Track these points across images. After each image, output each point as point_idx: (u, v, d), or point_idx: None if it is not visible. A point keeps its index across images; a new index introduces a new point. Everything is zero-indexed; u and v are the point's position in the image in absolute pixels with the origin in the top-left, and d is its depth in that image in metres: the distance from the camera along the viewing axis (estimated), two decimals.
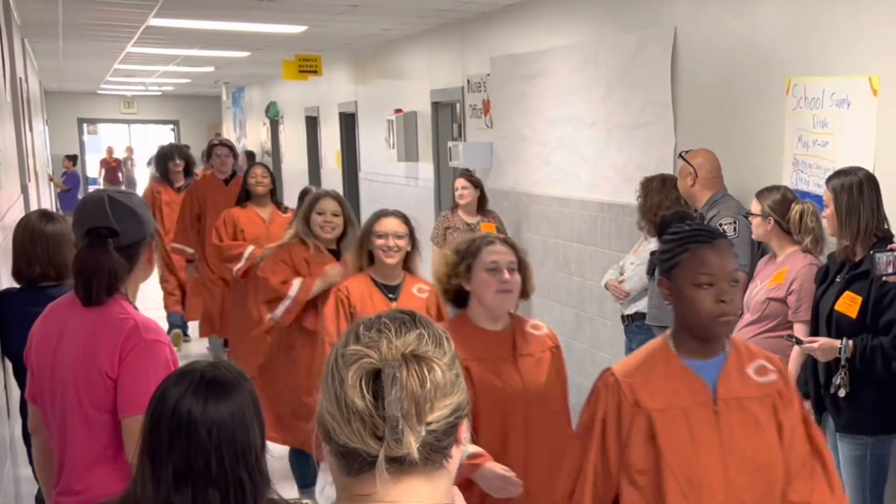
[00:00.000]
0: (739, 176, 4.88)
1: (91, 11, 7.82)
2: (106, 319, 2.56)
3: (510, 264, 3.09)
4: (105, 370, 2.51)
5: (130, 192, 2.80)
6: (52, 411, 2.64)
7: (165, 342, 2.58)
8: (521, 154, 7.25)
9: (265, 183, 6.54)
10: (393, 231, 3.97)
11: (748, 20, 4.88)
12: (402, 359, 1.25)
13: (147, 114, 22.16)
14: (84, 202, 2.64)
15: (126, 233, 2.58)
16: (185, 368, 1.95)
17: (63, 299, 2.70)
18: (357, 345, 1.28)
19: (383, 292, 3.98)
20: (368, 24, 8.54)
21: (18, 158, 6.79)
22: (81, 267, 2.57)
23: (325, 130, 12.92)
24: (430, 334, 1.31)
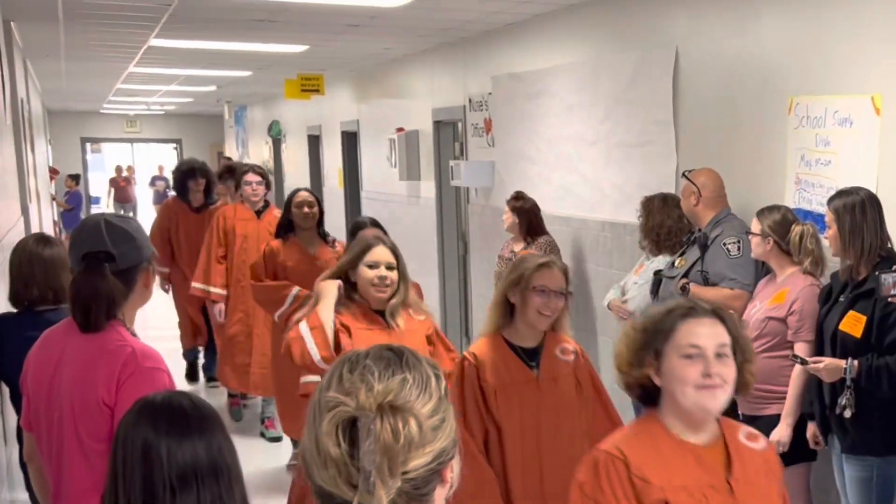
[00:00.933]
0: (741, 195, 4.86)
1: (92, 33, 7.84)
2: (103, 346, 2.52)
3: (719, 348, 2.21)
4: (102, 398, 2.48)
5: (128, 216, 2.77)
6: (47, 439, 2.61)
7: (164, 370, 2.54)
8: (523, 172, 7.24)
9: (314, 214, 5.74)
10: None
11: (749, 39, 4.87)
12: (377, 410, 1.23)
13: (150, 132, 22.21)
14: (81, 226, 2.62)
15: (123, 257, 2.55)
16: (144, 399, 1.90)
17: (60, 325, 2.67)
18: (338, 389, 1.26)
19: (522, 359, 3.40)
20: (370, 43, 8.55)
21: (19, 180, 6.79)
22: (78, 292, 2.54)
23: (328, 149, 12.93)
24: (416, 378, 1.28)
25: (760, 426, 4.05)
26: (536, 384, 3.36)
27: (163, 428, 1.81)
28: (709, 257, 4.60)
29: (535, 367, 3.38)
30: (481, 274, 8.13)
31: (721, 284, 4.54)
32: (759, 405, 4.13)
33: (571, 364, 3.43)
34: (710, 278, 4.57)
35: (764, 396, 4.10)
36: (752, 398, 4.12)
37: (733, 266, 4.52)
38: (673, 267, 4.80)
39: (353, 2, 6.28)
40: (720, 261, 4.56)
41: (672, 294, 4.63)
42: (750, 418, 4.17)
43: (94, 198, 21.84)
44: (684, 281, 4.62)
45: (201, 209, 7.63)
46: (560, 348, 3.44)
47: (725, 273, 4.53)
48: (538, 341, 3.42)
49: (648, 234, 5.13)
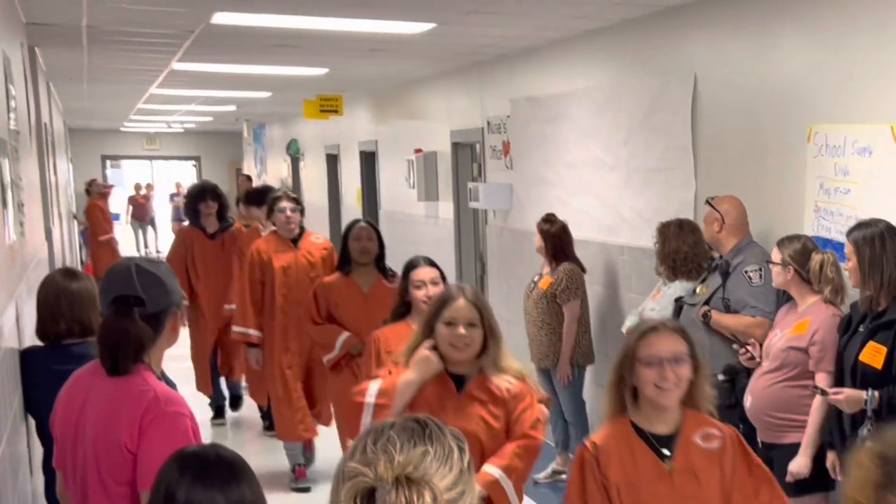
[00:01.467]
0: (760, 222, 4.88)
1: (116, 57, 7.94)
2: (127, 390, 2.55)
3: None
4: (125, 443, 2.50)
5: (158, 260, 2.80)
6: (73, 478, 2.64)
7: (187, 414, 2.56)
8: (541, 196, 7.27)
9: (372, 249, 5.32)
10: None
11: (768, 67, 4.90)
12: (394, 482, 1.24)
13: (169, 150, 22.39)
14: (111, 270, 2.65)
15: (152, 301, 2.58)
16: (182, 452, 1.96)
17: (87, 367, 2.70)
18: (360, 459, 1.28)
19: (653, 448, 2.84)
20: (389, 66, 8.62)
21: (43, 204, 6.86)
22: (107, 335, 2.57)
23: (346, 168, 13.00)
24: (438, 450, 1.29)
25: (780, 454, 4.08)
26: (670, 479, 2.78)
27: (187, 475, 1.86)
28: (730, 285, 4.62)
29: (669, 457, 2.80)
30: (499, 295, 8.16)
31: (743, 312, 4.55)
32: (779, 433, 4.14)
33: (716, 452, 2.81)
34: (731, 306, 4.59)
35: (784, 425, 4.11)
36: (772, 426, 4.14)
37: (755, 294, 4.53)
38: (694, 294, 4.81)
39: (375, 28, 6.34)
40: (742, 288, 4.57)
41: (693, 321, 4.65)
42: (769, 446, 4.18)
43: (114, 214, 21.98)
44: (706, 308, 4.64)
45: (216, 234, 7.31)
46: (702, 433, 2.83)
47: (747, 301, 4.54)
48: (674, 426, 2.83)
49: (664, 259, 5.15)
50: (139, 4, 5.54)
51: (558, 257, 6.10)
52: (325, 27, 6.22)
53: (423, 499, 1.24)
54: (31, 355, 3.69)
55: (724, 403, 4.55)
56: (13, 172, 4.58)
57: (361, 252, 5.26)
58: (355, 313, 5.15)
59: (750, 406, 4.24)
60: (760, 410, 4.19)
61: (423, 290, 4.36)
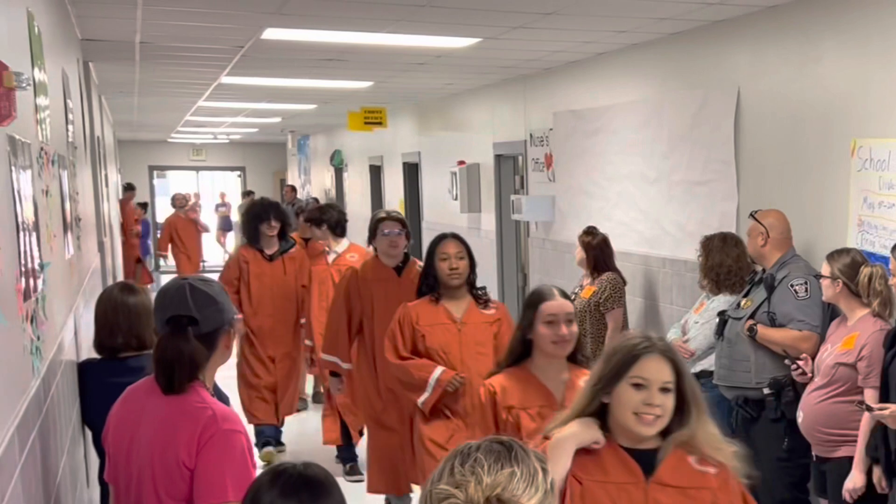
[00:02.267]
0: (803, 236, 4.89)
1: (166, 71, 8.11)
2: (184, 408, 2.58)
3: None
4: (183, 460, 2.53)
5: (211, 279, 2.84)
6: (125, 495, 2.67)
7: (242, 431, 2.58)
8: (583, 208, 7.32)
9: (461, 269, 4.50)
10: None
11: (811, 81, 4.92)
12: (494, 500, 1.27)
13: (215, 160, 22.67)
14: (165, 290, 2.69)
15: (206, 320, 2.62)
16: (276, 468, 2.00)
17: (142, 383, 2.73)
18: (449, 481, 1.31)
19: None
20: (433, 79, 8.72)
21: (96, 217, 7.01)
22: (163, 355, 2.60)
23: (389, 179, 13.12)
24: (524, 472, 1.32)
25: (832, 468, 4.11)
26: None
27: (276, 489, 1.93)
28: (776, 299, 4.62)
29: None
30: None
31: (789, 326, 4.56)
32: (831, 448, 4.17)
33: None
34: (777, 319, 4.59)
35: (835, 440, 4.14)
36: (823, 442, 4.16)
37: (801, 307, 4.54)
38: (738, 308, 4.83)
39: (421, 43, 6.44)
40: (788, 302, 4.58)
41: (738, 335, 4.67)
42: (822, 460, 4.20)
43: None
44: (751, 322, 4.65)
45: (275, 256, 6.80)
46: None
47: (793, 315, 4.55)
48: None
49: (708, 273, 5.17)
50: (192, 21, 5.68)
51: (599, 269, 6.14)
52: (373, 42, 6.32)
53: None
54: (88, 368, 3.75)
55: (770, 417, 4.57)
56: (71, 186, 4.73)
57: (451, 274, 4.50)
58: (448, 345, 4.45)
59: (802, 421, 4.27)
60: (812, 426, 4.21)
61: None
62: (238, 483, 2.48)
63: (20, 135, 2.79)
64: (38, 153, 3.32)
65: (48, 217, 3.47)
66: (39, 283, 2.96)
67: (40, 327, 2.93)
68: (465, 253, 4.54)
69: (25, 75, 2.52)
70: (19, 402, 2.45)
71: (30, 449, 2.50)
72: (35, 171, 3.12)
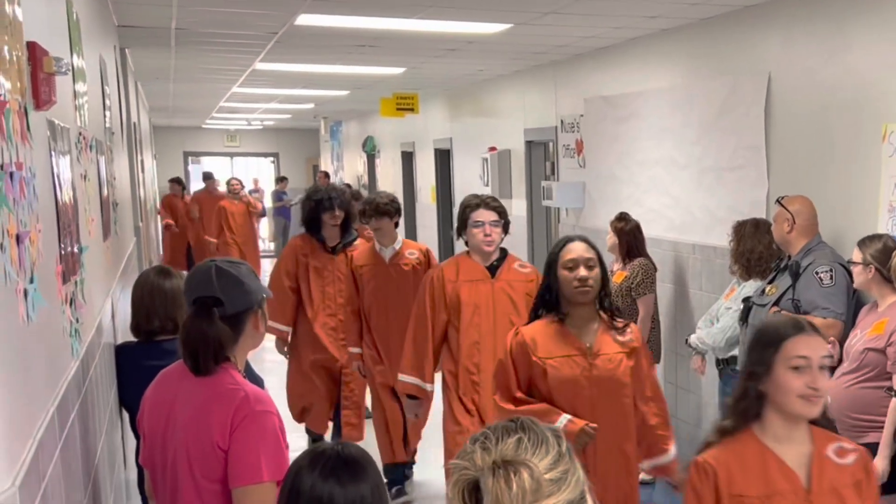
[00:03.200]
0: (833, 222, 4.88)
1: (201, 58, 8.21)
2: (216, 390, 2.60)
3: None
4: (217, 441, 2.55)
5: (240, 261, 2.84)
6: (162, 478, 2.71)
7: (274, 412, 2.61)
8: (614, 194, 7.33)
9: (595, 281, 3.49)
10: None
11: (842, 67, 4.90)
12: (492, 466, 1.31)
13: (248, 146, 22.84)
14: (193, 271, 2.73)
15: (231, 302, 2.63)
16: (315, 450, 2.05)
17: (175, 367, 2.76)
18: (460, 457, 1.37)
19: None
20: (465, 65, 8.75)
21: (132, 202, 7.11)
22: (187, 336, 2.64)
23: (421, 165, 13.18)
24: (532, 437, 1.35)
25: None
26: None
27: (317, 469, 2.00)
28: (801, 286, 4.62)
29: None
30: None
31: (813, 313, 4.55)
32: (858, 433, 4.14)
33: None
34: (801, 307, 4.60)
35: (863, 426, 4.12)
36: (850, 427, 4.14)
37: (826, 295, 4.53)
38: (763, 294, 4.83)
39: (453, 29, 6.47)
40: (812, 290, 4.57)
41: (762, 321, 4.67)
42: None
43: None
44: (775, 309, 4.65)
45: (337, 248, 6.12)
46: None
47: (818, 302, 4.54)
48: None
49: (739, 259, 5.17)
50: (227, 7, 5.76)
51: (631, 255, 6.15)
52: (405, 28, 6.36)
53: (521, 475, 1.30)
54: (125, 351, 3.82)
55: None
56: (108, 171, 4.82)
57: (580, 288, 3.45)
58: (573, 387, 3.44)
59: (829, 406, 4.23)
60: (839, 411, 4.18)
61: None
62: (271, 463, 2.53)
63: (60, 120, 2.87)
64: (77, 138, 3.40)
65: (86, 201, 3.56)
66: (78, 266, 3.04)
67: (79, 310, 2.99)
68: (596, 261, 3.50)
69: (65, 60, 2.59)
70: (59, 383, 2.50)
71: (69, 429, 2.55)
72: (74, 156, 3.20)
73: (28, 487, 1.83)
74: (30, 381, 2.07)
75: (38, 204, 2.28)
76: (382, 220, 5.70)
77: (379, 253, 5.79)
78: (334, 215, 6.05)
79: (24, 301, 1.99)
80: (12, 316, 1.91)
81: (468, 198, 4.68)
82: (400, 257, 5.77)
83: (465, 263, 4.62)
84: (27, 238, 2.05)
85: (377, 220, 5.70)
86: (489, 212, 4.51)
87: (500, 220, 4.53)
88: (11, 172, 1.93)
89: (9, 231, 1.88)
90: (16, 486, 1.73)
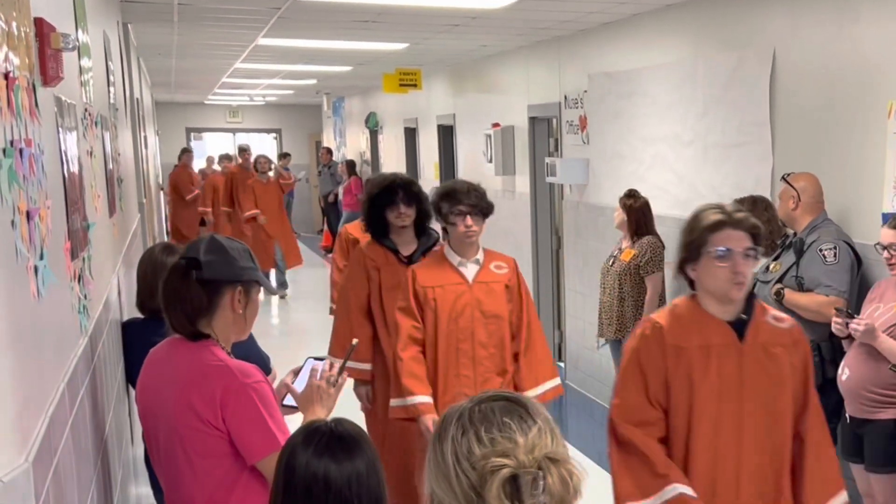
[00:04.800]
0: (838, 199, 4.88)
1: (204, 33, 8.18)
2: (199, 367, 2.60)
3: None
4: (206, 418, 2.55)
5: (240, 242, 2.80)
6: (158, 457, 2.73)
7: (263, 380, 2.62)
8: (617, 171, 7.32)
9: None
10: None
11: (849, 43, 4.88)
12: (545, 461, 1.32)
13: (251, 122, 22.78)
14: (195, 240, 2.75)
15: (209, 267, 2.62)
16: (308, 427, 2.06)
17: (162, 345, 2.77)
18: (489, 448, 1.33)
19: None
20: (468, 41, 8.72)
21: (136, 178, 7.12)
22: (163, 293, 2.67)
23: (424, 141, 13.15)
24: (544, 425, 1.37)
25: (871, 429, 4.05)
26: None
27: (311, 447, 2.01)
28: (804, 263, 4.62)
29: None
30: (574, 268, 8.25)
31: (816, 291, 4.55)
32: (873, 409, 4.11)
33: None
34: (805, 284, 4.60)
35: (878, 400, 4.09)
36: (865, 401, 4.13)
37: (829, 273, 4.53)
38: (767, 271, 4.83)
39: (456, 3, 6.44)
40: (816, 267, 4.57)
41: (766, 298, 4.68)
42: (859, 422, 4.16)
43: None
44: (778, 286, 4.66)
45: (415, 257, 4.68)
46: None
47: (821, 279, 4.54)
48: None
49: None
50: None
51: (640, 233, 6.15)
52: (409, 3, 6.33)
53: (574, 475, 1.34)
54: (131, 327, 3.85)
55: None
56: (112, 147, 4.82)
57: None
58: None
59: (847, 379, 4.20)
60: (859, 383, 4.15)
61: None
62: (281, 427, 2.57)
63: (66, 96, 2.87)
64: (83, 114, 3.40)
65: (92, 177, 3.57)
66: (86, 242, 3.05)
67: (87, 286, 3.01)
68: None
69: (72, 36, 2.59)
70: (69, 359, 2.53)
71: (79, 405, 2.58)
72: (80, 132, 3.21)
73: (41, 463, 1.85)
74: (41, 358, 2.09)
75: (47, 181, 2.29)
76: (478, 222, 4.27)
77: (457, 269, 4.25)
78: (400, 212, 4.63)
79: (34, 277, 2.00)
80: (24, 292, 1.92)
81: None
82: (486, 274, 4.29)
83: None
84: (37, 215, 2.06)
85: None
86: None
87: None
88: (21, 149, 1.94)
89: (19, 208, 1.89)
90: (29, 461, 1.75)
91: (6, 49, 1.87)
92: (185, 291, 2.63)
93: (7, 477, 1.64)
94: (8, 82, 1.86)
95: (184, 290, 2.63)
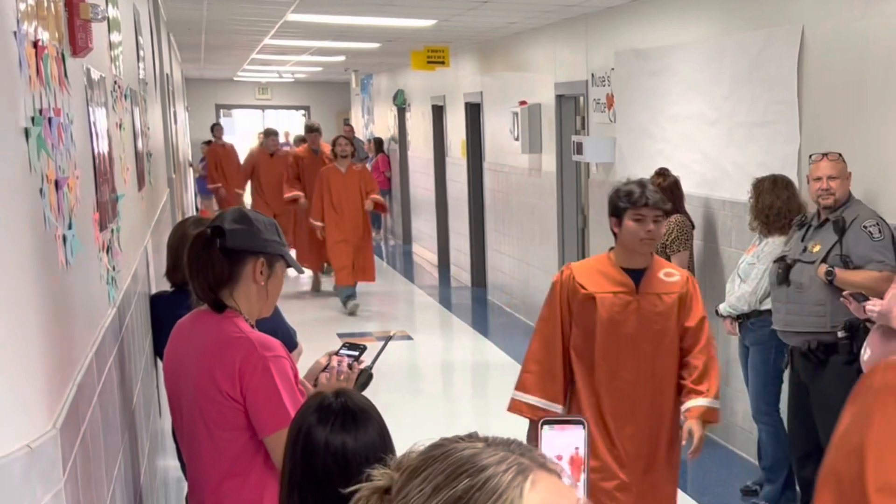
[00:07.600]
0: (866, 178, 4.85)
1: (234, 9, 8.22)
2: (221, 338, 2.61)
3: None
4: (225, 390, 2.56)
5: (270, 218, 2.81)
6: (180, 428, 2.76)
7: (284, 356, 2.63)
8: (644, 149, 7.30)
9: None
10: None
11: (878, 19, 4.83)
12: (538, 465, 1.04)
13: (280, 99, 22.87)
14: (224, 211, 2.77)
15: (232, 235, 2.62)
16: (319, 406, 2.08)
17: (187, 318, 2.79)
18: None
19: None
20: (495, 17, 8.70)
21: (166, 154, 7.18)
22: (187, 259, 2.69)
23: (451, 119, 13.14)
24: None
25: None
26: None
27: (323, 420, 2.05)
28: (849, 240, 4.57)
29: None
30: (599, 247, 8.22)
31: (867, 267, 4.50)
32: None
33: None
34: (853, 261, 4.55)
35: None
36: None
37: (878, 248, 4.50)
38: (805, 252, 4.78)
39: None
40: (864, 244, 4.53)
41: (812, 279, 4.63)
42: None
43: None
44: (827, 266, 4.60)
45: None
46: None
47: (871, 256, 4.51)
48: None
49: (758, 215, 5.22)
50: None
51: (668, 211, 6.10)
52: None
53: None
54: (160, 300, 3.90)
55: (844, 360, 4.53)
56: (142, 122, 4.87)
57: None
58: None
59: (868, 360, 4.18)
60: None
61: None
62: (296, 403, 2.56)
63: (96, 68, 2.90)
64: (112, 87, 3.45)
65: (121, 150, 3.61)
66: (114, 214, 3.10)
67: (115, 258, 3.04)
68: None
69: (101, 7, 2.62)
70: (97, 329, 2.55)
71: (107, 375, 2.60)
72: (109, 105, 3.25)
73: (68, 430, 1.86)
74: (69, 325, 2.11)
75: (76, 151, 2.32)
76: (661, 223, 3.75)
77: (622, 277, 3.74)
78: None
79: (62, 246, 2.04)
80: (52, 260, 1.95)
81: None
82: (654, 284, 3.74)
83: None
84: (65, 184, 2.09)
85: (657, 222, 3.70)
86: None
87: None
88: (50, 118, 1.97)
89: (48, 176, 1.92)
90: (57, 427, 1.76)
91: (35, 19, 1.90)
92: (207, 259, 2.64)
93: (35, 443, 1.65)
94: (37, 51, 1.89)
95: (206, 258, 2.64)
